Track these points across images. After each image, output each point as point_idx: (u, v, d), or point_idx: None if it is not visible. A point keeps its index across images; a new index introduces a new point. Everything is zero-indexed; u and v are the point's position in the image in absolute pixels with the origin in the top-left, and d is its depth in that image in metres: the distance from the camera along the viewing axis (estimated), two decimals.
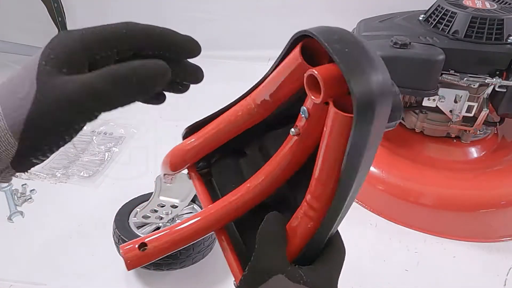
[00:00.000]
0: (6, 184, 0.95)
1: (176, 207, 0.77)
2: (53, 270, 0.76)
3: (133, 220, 0.73)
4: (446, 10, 0.80)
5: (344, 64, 0.25)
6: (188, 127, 0.42)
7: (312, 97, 0.27)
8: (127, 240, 0.67)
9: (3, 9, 1.54)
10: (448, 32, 0.79)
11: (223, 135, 0.38)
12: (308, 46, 0.29)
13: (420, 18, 0.86)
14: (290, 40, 0.30)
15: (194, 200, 0.80)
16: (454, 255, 0.78)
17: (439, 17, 0.81)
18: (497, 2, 0.84)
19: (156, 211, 0.75)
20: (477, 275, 0.74)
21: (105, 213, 0.88)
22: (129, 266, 0.35)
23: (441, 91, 0.79)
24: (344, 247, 0.33)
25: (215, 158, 0.43)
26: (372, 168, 0.86)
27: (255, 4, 1.45)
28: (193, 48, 0.30)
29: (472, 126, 0.86)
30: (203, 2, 1.50)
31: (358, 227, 0.84)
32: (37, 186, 0.95)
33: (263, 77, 0.34)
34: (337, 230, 0.35)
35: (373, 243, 0.81)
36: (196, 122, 0.41)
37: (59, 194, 0.93)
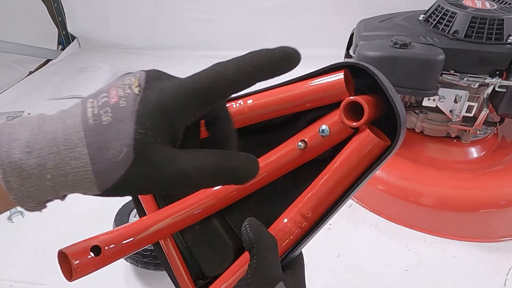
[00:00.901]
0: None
1: None
2: (53, 270, 0.75)
3: (133, 220, 0.73)
4: (446, 10, 0.80)
5: (393, 95, 0.29)
6: None
7: (346, 120, 0.31)
8: None
9: (3, 9, 1.54)
10: (448, 32, 0.79)
11: None
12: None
13: (420, 18, 0.86)
14: (331, 65, 0.32)
15: None
16: (454, 255, 0.78)
17: (439, 17, 0.81)
18: (497, 2, 0.84)
19: None
20: (477, 275, 0.74)
21: (105, 213, 0.88)
22: (78, 275, 0.31)
23: (441, 91, 0.79)
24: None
25: None
26: None
27: (255, 4, 1.45)
28: (292, 60, 0.28)
29: (472, 126, 0.86)
30: (203, 2, 1.50)
31: (358, 227, 0.84)
32: None
33: (265, 88, 0.35)
34: None
35: (373, 243, 0.81)
36: None
37: None
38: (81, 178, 0.23)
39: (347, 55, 0.92)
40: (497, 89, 0.76)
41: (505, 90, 0.76)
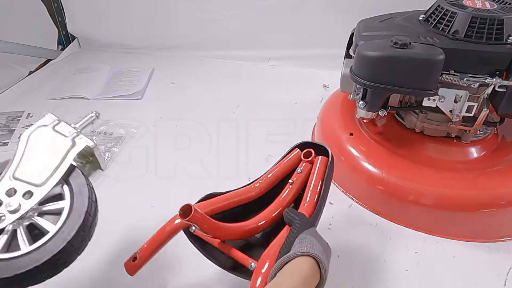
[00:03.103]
0: None
1: (32, 195, 0.53)
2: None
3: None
4: (446, 10, 0.80)
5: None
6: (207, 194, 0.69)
7: (305, 159, 0.71)
8: None
9: (3, 9, 1.54)
10: (448, 32, 0.79)
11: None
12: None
13: (420, 18, 0.86)
14: (292, 146, 0.74)
15: (67, 180, 0.57)
16: (454, 255, 0.78)
17: (439, 17, 0.81)
18: (497, 2, 0.84)
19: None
20: (477, 275, 0.74)
21: (105, 213, 0.88)
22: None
23: (441, 91, 0.79)
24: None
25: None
26: (372, 168, 0.86)
27: (255, 4, 1.45)
28: None
29: (472, 126, 0.86)
30: (203, 2, 1.50)
31: (358, 227, 0.84)
32: None
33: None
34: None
35: (373, 243, 0.81)
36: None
37: None
38: None
39: (347, 55, 0.92)
40: (497, 89, 0.76)
41: (505, 90, 0.76)
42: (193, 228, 0.65)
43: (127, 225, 0.84)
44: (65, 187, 0.56)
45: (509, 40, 0.75)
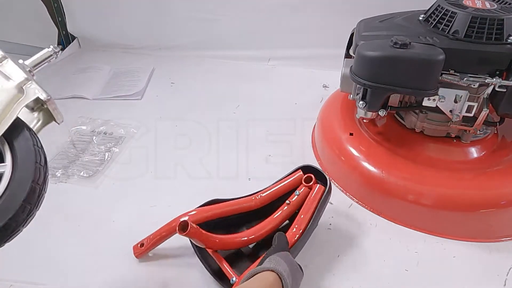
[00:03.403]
0: None
1: None
2: (53, 270, 0.76)
3: None
4: (446, 10, 0.80)
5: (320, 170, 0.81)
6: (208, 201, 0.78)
7: (305, 183, 0.78)
8: None
9: (3, 9, 1.54)
10: (448, 32, 0.79)
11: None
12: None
13: (420, 18, 0.86)
14: (296, 168, 0.81)
15: (8, 139, 0.46)
16: (454, 255, 0.78)
17: (439, 17, 0.81)
18: (497, 2, 0.84)
19: None
20: (477, 275, 0.74)
21: (105, 213, 0.88)
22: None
23: (441, 91, 0.79)
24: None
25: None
26: (372, 168, 0.86)
27: (255, 4, 1.45)
28: None
29: (472, 126, 0.86)
30: (203, 2, 1.50)
31: (358, 227, 0.84)
32: None
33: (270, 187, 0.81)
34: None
35: (373, 243, 0.81)
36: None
37: (59, 194, 0.93)
38: None
39: (347, 55, 0.92)
40: (497, 89, 0.76)
41: (505, 90, 0.76)
42: None
43: (127, 225, 0.84)
44: (6, 147, 0.45)
45: (509, 40, 0.75)
